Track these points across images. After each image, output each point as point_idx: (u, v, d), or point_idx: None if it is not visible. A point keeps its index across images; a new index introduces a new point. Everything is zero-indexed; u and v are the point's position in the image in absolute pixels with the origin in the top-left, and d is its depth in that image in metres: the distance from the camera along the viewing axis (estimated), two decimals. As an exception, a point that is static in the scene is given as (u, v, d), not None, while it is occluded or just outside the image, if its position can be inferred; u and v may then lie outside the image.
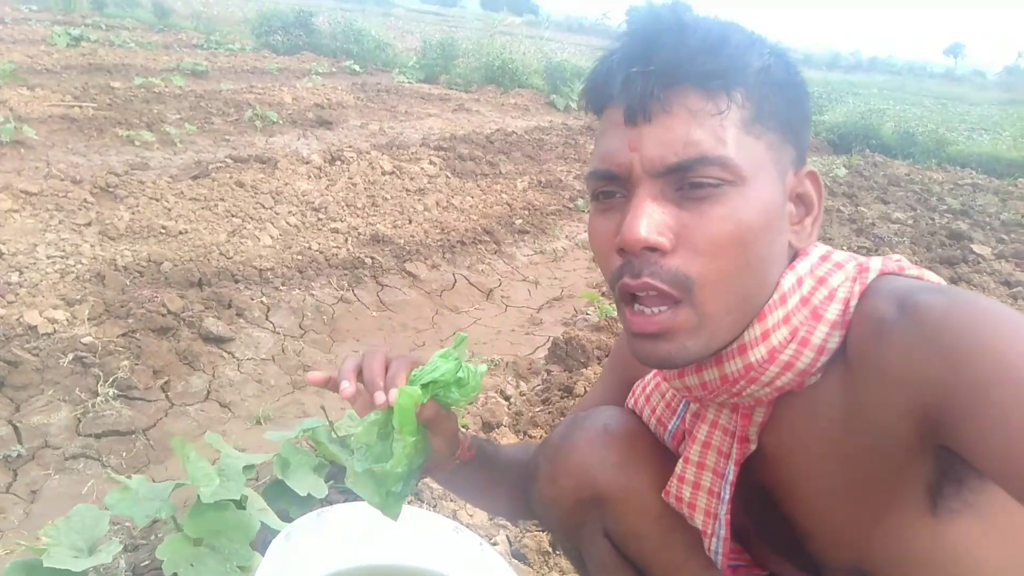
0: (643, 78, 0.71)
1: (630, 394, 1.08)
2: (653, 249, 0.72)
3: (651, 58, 0.72)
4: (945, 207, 6.13)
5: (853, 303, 0.75)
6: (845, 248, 4.63)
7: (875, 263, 0.78)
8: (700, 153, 0.70)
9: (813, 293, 0.77)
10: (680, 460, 0.93)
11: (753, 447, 0.84)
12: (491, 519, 1.81)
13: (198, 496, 1.57)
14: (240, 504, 1.59)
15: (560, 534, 1.12)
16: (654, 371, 1.01)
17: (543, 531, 1.76)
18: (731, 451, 0.86)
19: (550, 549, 1.72)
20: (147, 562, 1.58)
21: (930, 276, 0.78)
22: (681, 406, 0.98)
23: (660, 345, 0.75)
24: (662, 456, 1.00)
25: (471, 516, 1.81)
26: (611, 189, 0.77)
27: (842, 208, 5.72)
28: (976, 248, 4.69)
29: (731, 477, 0.86)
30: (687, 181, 0.72)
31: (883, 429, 0.71)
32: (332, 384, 0.94)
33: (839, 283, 0.77)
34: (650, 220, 0.71)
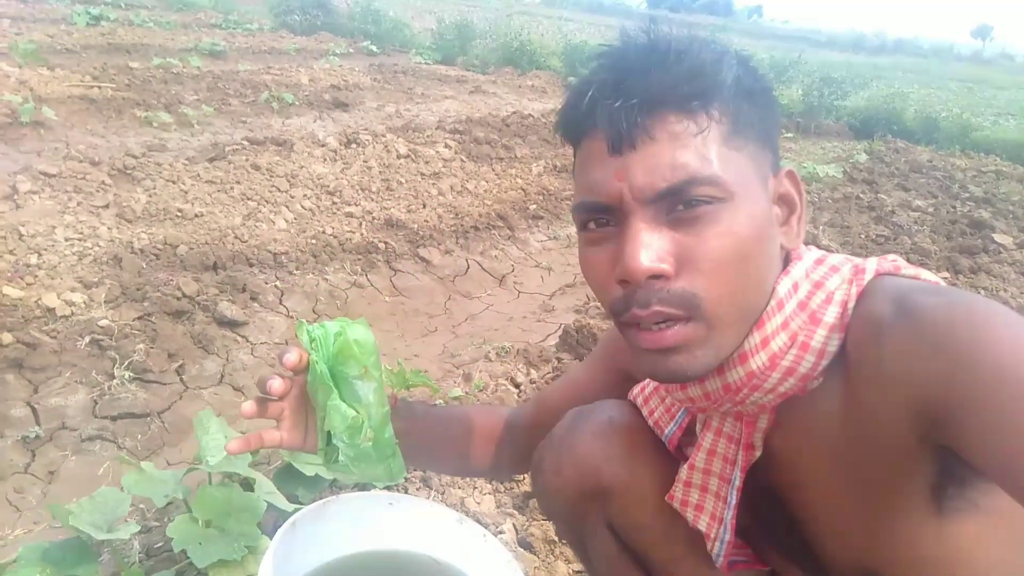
0: (625, 107, 0.72)
1: (631, 393, 1.09)
2: (657, 276, 0.72)
3: (632, 87, 0.72)
4: (967, 195, 6.02)
5: (851, 306, 0.76)
6: (863, 236, 4.60)
7: (871, 264, 0.79)
8: (689, 175, 0.71)
9: (811, 297, 0.77)
10: (685, 467, 0.94)
11: (758, 453, 0.85)
12: (498, 508, 1.83)
13: (208, 478, 1.60)
14: (248, 486, 1.62)
15: (564, 525, 1.14)
16: (668, 394, 1.02)
17: (544, 515, 1.78)
18: (737, 458, 0.87)
19: (556, 538, 1.74)
20: (159, 543, 1.61)
21: (927, 275, 0.79)
22: (680, 413, 0.99)
23: (672, 358, 0.75)
24: (664, 451, 1.01)
25: (478, 504, 1.83)
26: (601, 219, 0.77)
27: (861, 195, 5.65)
28: (998, 237, 4.61)
29: (737, 483, 0.87)
30: (679, 204, 0.72)
31: (884, 430, 0.72)
32: (255, 441, 0.94)
33: (836, 286, 0.78)
34: (649, 249, 0.72)
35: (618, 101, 0.72)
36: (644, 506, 0.99)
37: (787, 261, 0.81)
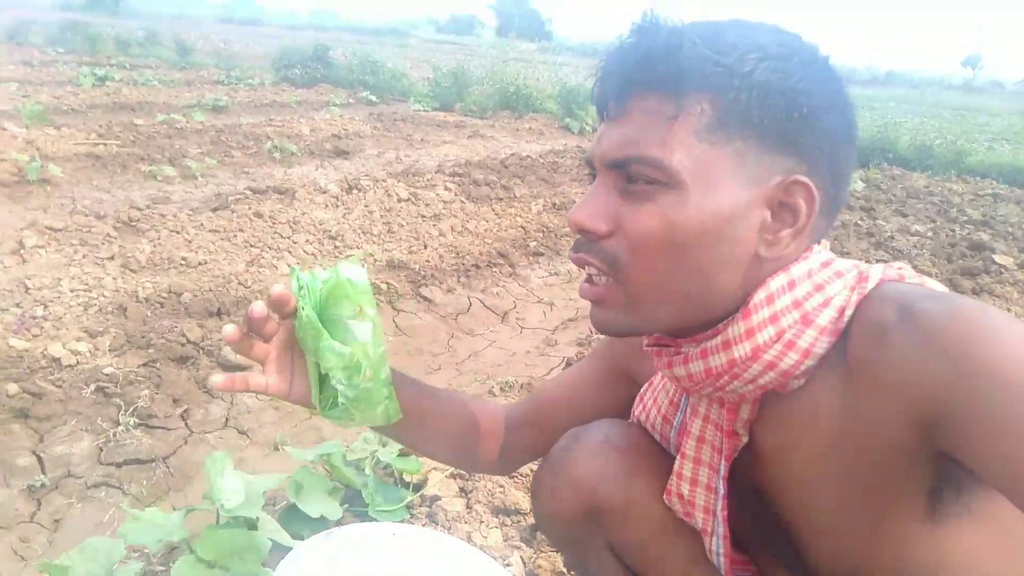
0: (611, 83, 0.80)
1: (637, 400, 1.09)
2: (588, 231, 0.80)
3: (621, 65, 0.79)
4: (966, 218, 6.06)
5: (848, 312, 0.76)
6: (863, 262, 4.61)
7: (875, 271, 0.79)
8: (636, 153, 0.76)
9: (808, 298, 0.77)
10: (678, 456, 0.94)
11: (744, 440, 0.85)
12: (505, 541, 1.81)
13: (217, 517, 1.60)
14: (252, 526, 1.62)
15: (565, 547, 1.13)
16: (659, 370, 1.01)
17: (557, 551, 1.76)
18: (722, 446, 0.87)
19: (564, 570, 1.72)
20: (165, 587, 1.60)
21: (932, 284, 0.79)
22: (683, 401, 0.99)
23: (597, 312, 0.84)
24: (663, 466, 1.00)
25: (485, 538, 1.81)
26: (592, 172, 0.84)
27: (859, 222, 5.68)
28: (998, 259, 4.62)
29: (723, 472, 0.88)
30: (627, 177, 0.78)
31: (882, 434, 0.72)
32: (240, 382, 0.90)
33: (836, 292, 0.77)
34: (589, 206, 0.80)
35: (611, 75, 0.80)
36: (643, 524, 0.99)
37: (779, 265, 0.79)
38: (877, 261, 4.59)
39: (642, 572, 1.02)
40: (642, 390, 1.08)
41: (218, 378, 0.88)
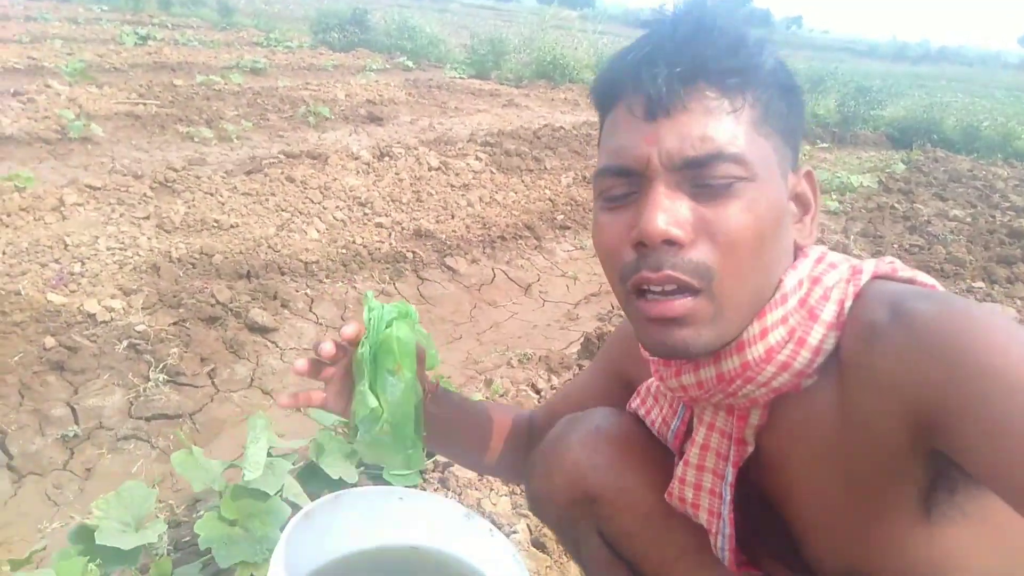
0: (666, 74, 0.73)
1: (635, 395, 1.09)
2: (671, 243, 0.73)
3: (678, 54, 0.74)
4: (1008, 204, 5.89)
5: (847, 304, 0.76)
6: (896, 246, 4.53)
7: (868, 265, 0.79)
8: (717, 148, 0.72)
9: (809, 294, 0.78)
10: (680, 463, 0.94)
11: (751, 449, 0.85)
12: (513, 508, 1.86)
13: (243, 477, 1.66)
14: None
15: (557, 530, 1.15)
16: (652, 371, 1.02)
17: (539, 520, 1.80)
18: (729, 453, 0.87)
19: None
20: (187, 538, 1.68)
21: (923, 278, 0.79)
22: (681, 405, 0.99)
23: (675, 332, 0.75)
24: (657, 457, 1.01)
25: (494, 505, 1.86)
26: (623, 191, 0.78)
27: (896, 205, 5.56)
28: (1037, 247, 4.51)
29: (730, 479, 0.87)
30: (703, 177, 0.73)
31: (875, 433, 0.72)
32: (303, 399, 0.98)
33: (833, 283, 0.78)
34: (669, 213, 0.72)
35: (660, 68, 0.73)
36: (632, 514, 1.00)
37: (795, 257, 0.81)
38: (911, 246, 4.52)
39: (631, 559, 1.03)
40: (640, 386, 1.08)
41: (283, 399, 0.97)
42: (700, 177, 0.73)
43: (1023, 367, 0.61)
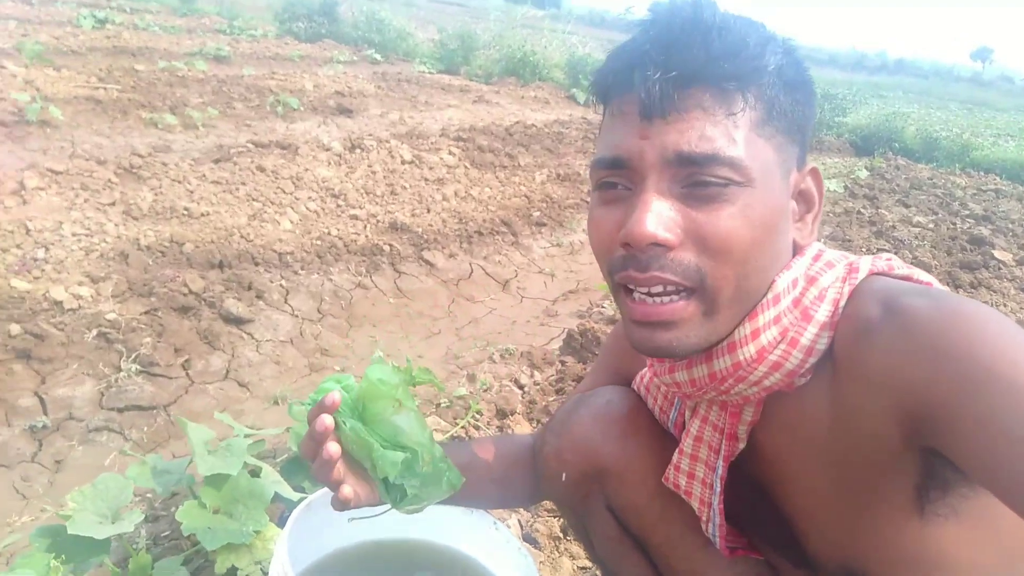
0: (662, 77, 0.71)
1: (639, 377, 1.10)
2: (659, 244, 0.72)
3: (671, 57, 0.72)
4: (967, 212, 6.07)
5: (842, 304, 0.76)
6: (864, 250, 4.62)
7: (864, 263, 0.79)
8: (712, 151, 0.71)
9: (804, 294, 0.77)
10: (676, 451, 0.95)
11: (742, 445, 0.85)
12: (503, 504, 1.83)
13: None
14: (255, 474, 1.63)
15: (566, 508, 1.14)
16: (648, 365, 1.02)
17: (555, 516, 1.78)
18: (721, 447, 0.87)
19: (561, 534, 1.74)
20: (167, 532, 1.61)
21: (920, 275, 0.79)
22: (677, 400, 1.00)
23: (661, 334, 0.76)
24: (662, 435, 1.02)
25: (484, 500, 1.83)
26: (615, 180, 0.77)
27: (862, 210, 5.68)
28: (997, 254, 4.64)
29: (720, 472, 0.88)
30: (695, 178, 0.72)
31: (869, 430, 0.72)
32: (333, 476, 0.90)
33: (829, 283, 0.78)
34: (658, 216, 0.72)
35: (656, 71, 0.71)
36: (641, 488, 1.00)
37: (793, 254, 0.81)
38: (878, 250, 4.61)
39: (639, 535, 1.03)
40: (642, 372, 1.09)
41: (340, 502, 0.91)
42: (693, 178, 0.72)
43: (1014, 365, 0.61)
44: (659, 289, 0.74)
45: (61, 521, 1.42)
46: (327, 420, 0.86)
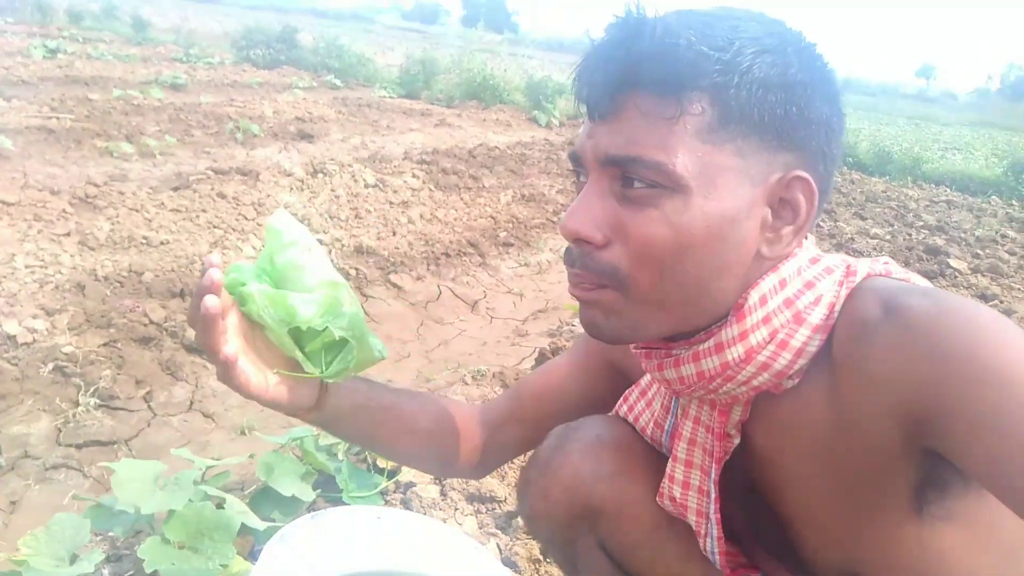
0: (601, 82, 0.73)
1: (622, 400, 1.07)
2: (584, 241, 0.75)
3: (609, 62, 0.73)
4: (922, 223, 6.23)
5: (838, 307, 0.75)
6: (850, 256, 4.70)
7: (863, 266, 0.78)
8: (637, 153, 0.71)
9: (799, 297, 0.76)
10: (670, 459, 0.92)
11: (735, 443, 0.84)
12: (480, 528, 1.79)
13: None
14: (220, 505, 1.57)
15: (554, 548, 1.10)
16: (647, 373, 0.98)
17: (534, 539, 1.75)
18: (713, 448, 0.86)
19: (540, 557, 1.71)
20: (131, 571, 1.54)
21: (917, 279, 0.78)
22: (674, 403, 0.97)
23: (588, 311, 0.80)
24: (655, 465, 0.98)
25: (460, 525, 1.79)
26: (579, 171, 0.80)
27: (821, 224, 5.80)
28: (953, 263, 4.76)
29: (714, 475, 0.86)
30: (625, 179, 0.73)
31: (868, 430, 0.71)
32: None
33: (827, 289, 0.76)
34: (584, 213, 0.75)
35: (596, 75, 0.74)
36: (637, 524, 0.97)
37: (780, 260, 0.77)
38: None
39: (635, 572, 1.00)
40: (628, 390, 1.06)
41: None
42: (624, 179, 0.73)
43: (1014, 365, 0.61)
44: (583, 281, 0.77)
45: (16, 567, 1.35)
46: (214, 274, 0.77)
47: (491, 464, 1.20)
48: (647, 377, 1.02)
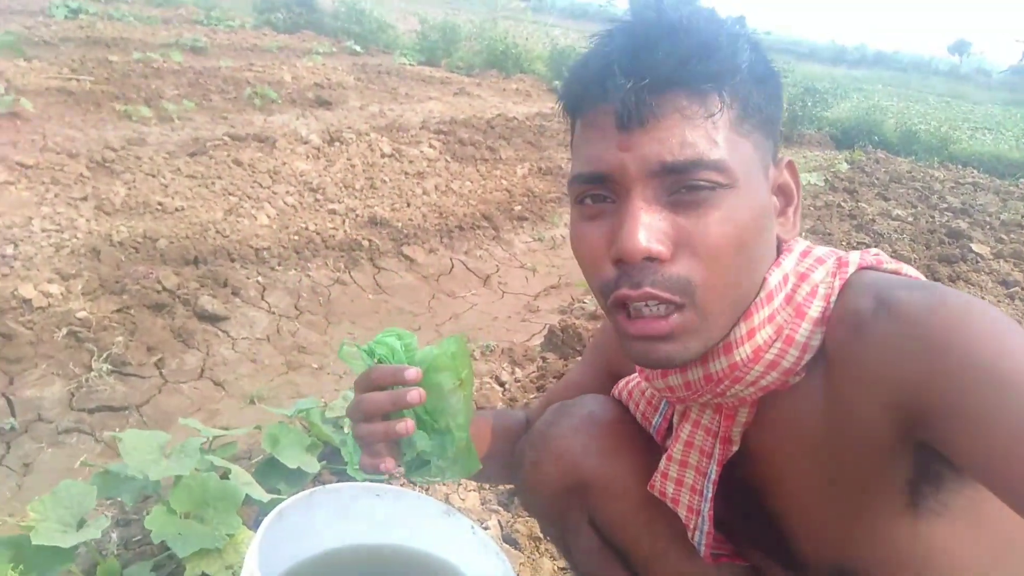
0: (636, 85, 0.69)
1: (614, 388, 1.08)
2: (653, 259, 0.70)
3: (641, 63, 0.69)
4: (946, 205, 6.11)
5: (834, 299, 0.75)
6: (844, 244, 4.64)
7: (854, 257, 0.78)
8: (696, 156, 0.69)
9: (796, 290, 0.76)
10: (664, 457, 0.93)
11: (735, 448, 0.84)
12: (483, 504, 1.81)
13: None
14: (224, 476, 1.60)
15: (545, 520, 1.12)
16: (637, 369, 1.00)
17: (527, 512, 1.76)
18: (713, 451, 0.86)
19: (541, 535, 1.73)
20: (139, 537, 1.58)
21: (908, 270, 0.78)
22: (663, 404, 0.98)
23: (660, 347, 0.73)
24: (646, 445, 1.00)
25: (463, 500, 1.81)
26: (600, 193, 0.74)
27: (842, 204, 5.70)
28: (975, 247, 4.68)
29: (713, 476, 0.86)
30: (682, 185, 0.70)
31: (862, 425, 0.71)
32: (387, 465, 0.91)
33: (820, 279, 0.77)
34: (648, 229, 0.69)
35: (628, 79, 0.69)
36: (625, 500, 0.98)
37: (779, 252, 0.80)
38: (858, 244, 4.63)
39: (622, 547, 1.01)
40: (618, 383, 1.08)
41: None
42: (678, 185, 0.70)
43: (1008, 358, 0.60)
44: (654, 303, 0.71)
45: (24, 532, 1.37)
46: (419, 395, 0.84)
47: None
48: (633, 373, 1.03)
